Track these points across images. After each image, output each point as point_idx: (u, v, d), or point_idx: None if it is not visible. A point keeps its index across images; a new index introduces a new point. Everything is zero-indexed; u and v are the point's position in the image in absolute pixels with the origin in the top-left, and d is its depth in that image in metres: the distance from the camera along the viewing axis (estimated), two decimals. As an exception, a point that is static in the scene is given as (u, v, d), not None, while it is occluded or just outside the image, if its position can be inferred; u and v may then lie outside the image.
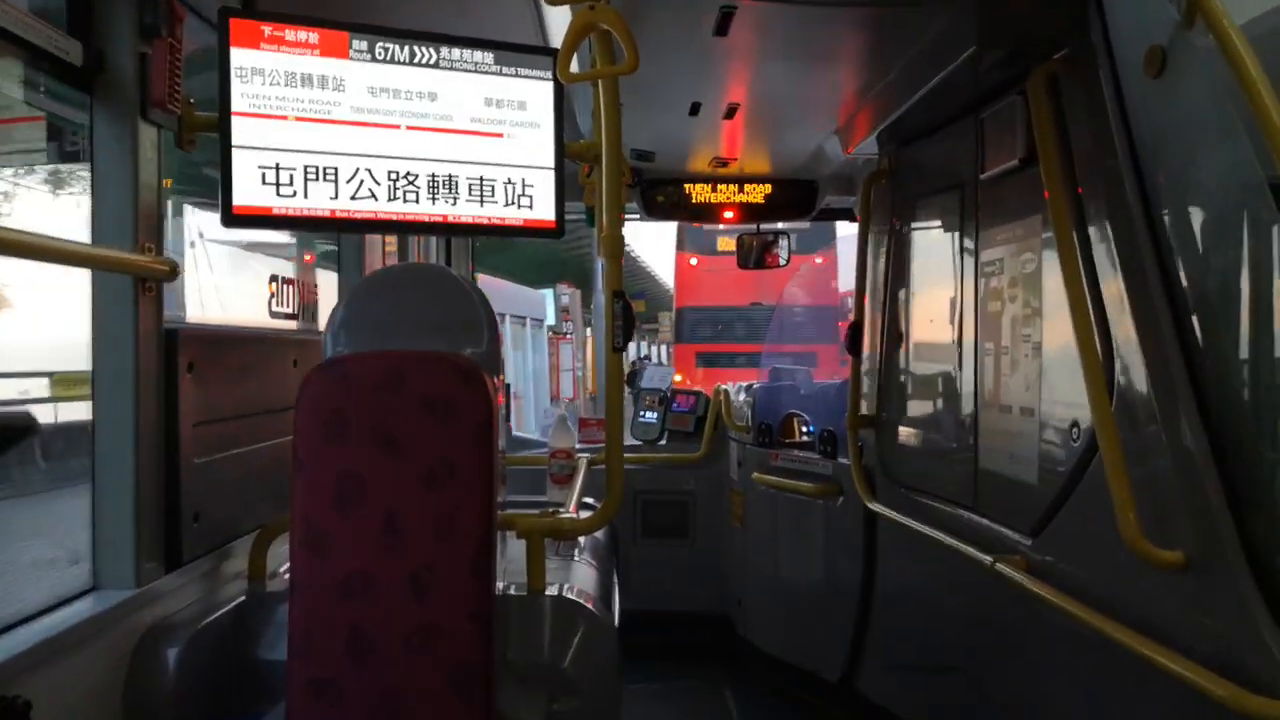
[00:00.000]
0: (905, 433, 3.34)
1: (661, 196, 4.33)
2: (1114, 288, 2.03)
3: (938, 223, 3.15)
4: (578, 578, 2.44)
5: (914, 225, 3.32)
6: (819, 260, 15.51)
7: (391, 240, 3.60)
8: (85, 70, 1.89)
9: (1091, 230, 2.13)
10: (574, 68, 2.16)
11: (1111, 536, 1.86)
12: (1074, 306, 2.07)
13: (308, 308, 3.06)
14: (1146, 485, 1.86)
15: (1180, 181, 1.91)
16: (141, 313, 1.96)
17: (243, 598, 2.18)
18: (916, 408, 3.30)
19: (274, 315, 2.87)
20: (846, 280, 14.92)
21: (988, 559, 2.38)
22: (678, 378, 16.75)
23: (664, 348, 33.62)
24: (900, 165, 3.41)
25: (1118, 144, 1.99)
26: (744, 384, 4.96)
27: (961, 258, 2.88)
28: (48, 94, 2.13)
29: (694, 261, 17.45)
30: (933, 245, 3.21)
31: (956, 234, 2.93)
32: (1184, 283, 1.84)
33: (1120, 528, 1.83)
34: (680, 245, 17.63)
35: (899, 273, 3.44)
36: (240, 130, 2.17)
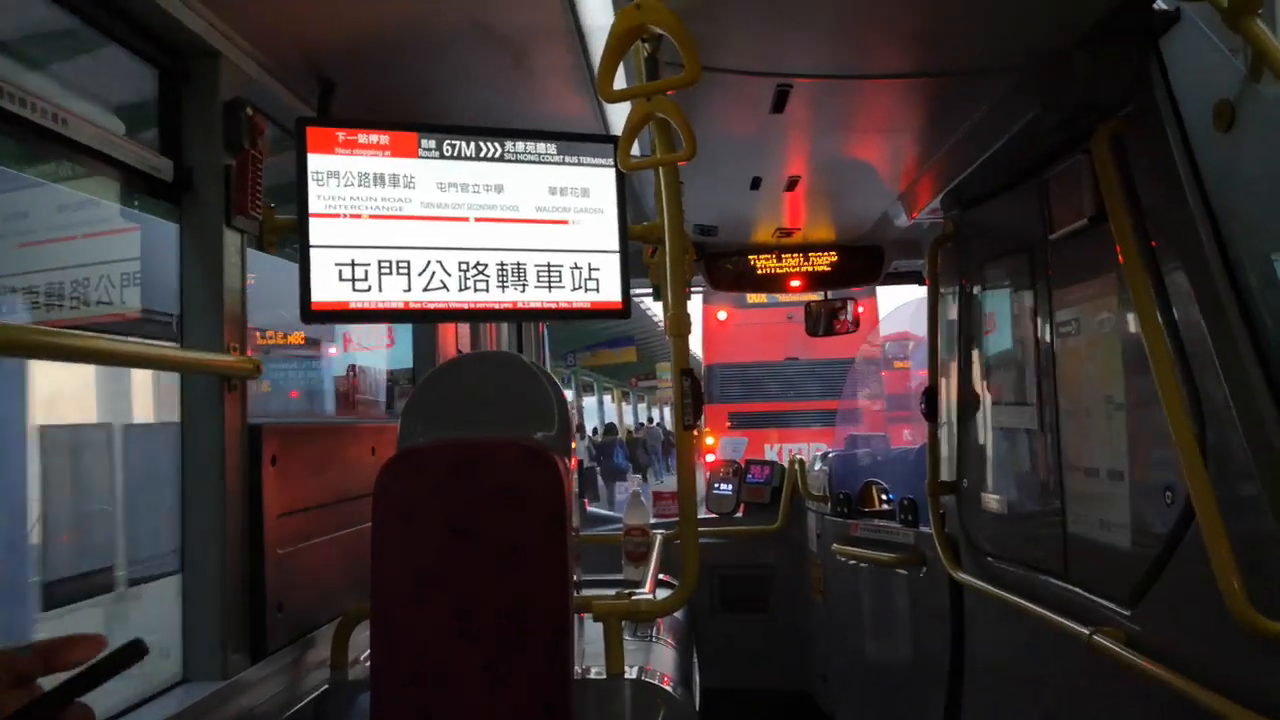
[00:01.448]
0: (988, 499, 3.25)
1: (728, 268, 4.36)
2: (1198, 342, 1.97)
3: (1008, 284, 3.11)
4: (656, 659, 2.41)
5: (984, 287, 3.28)
6: (860, 310, 14.87)
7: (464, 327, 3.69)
8: (175, 185, 2.01)
9: (1169, 284, 2.07)
10: (635, 152, 2.22)
11: (1216, 606, 1.76)
12: (1157, 364, 2.01)
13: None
14: (1250, 550, 1.77)
15: (1259, 231, 1.86)
16: (228, 410, 2.03)
17: (325, 687, 2.20)
18: (998, 473, 3.21)
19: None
20: (886, 327, 13.89)
21: (1085, 631, 2.28)
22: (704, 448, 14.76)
23: (663, 409, 28.40)
24: (966, 228, 3.39)
25: (1190, 198, 1.95)
26: (818, 453, 4.89)
27: (1036, 318, 2.83)
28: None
29: (722, 316, 16.05)
30: (1005, 307, 3.16)
31: (1029, 294, 2.88)
32: (1271, 332, 1.77)
33: (1224, 596, 1.74)
34: (707, 299, 16.20)
35: (971, 336, 3.38)
36: (317, 231, 2.27)
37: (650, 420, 26.89)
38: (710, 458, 14.08)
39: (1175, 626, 2.07)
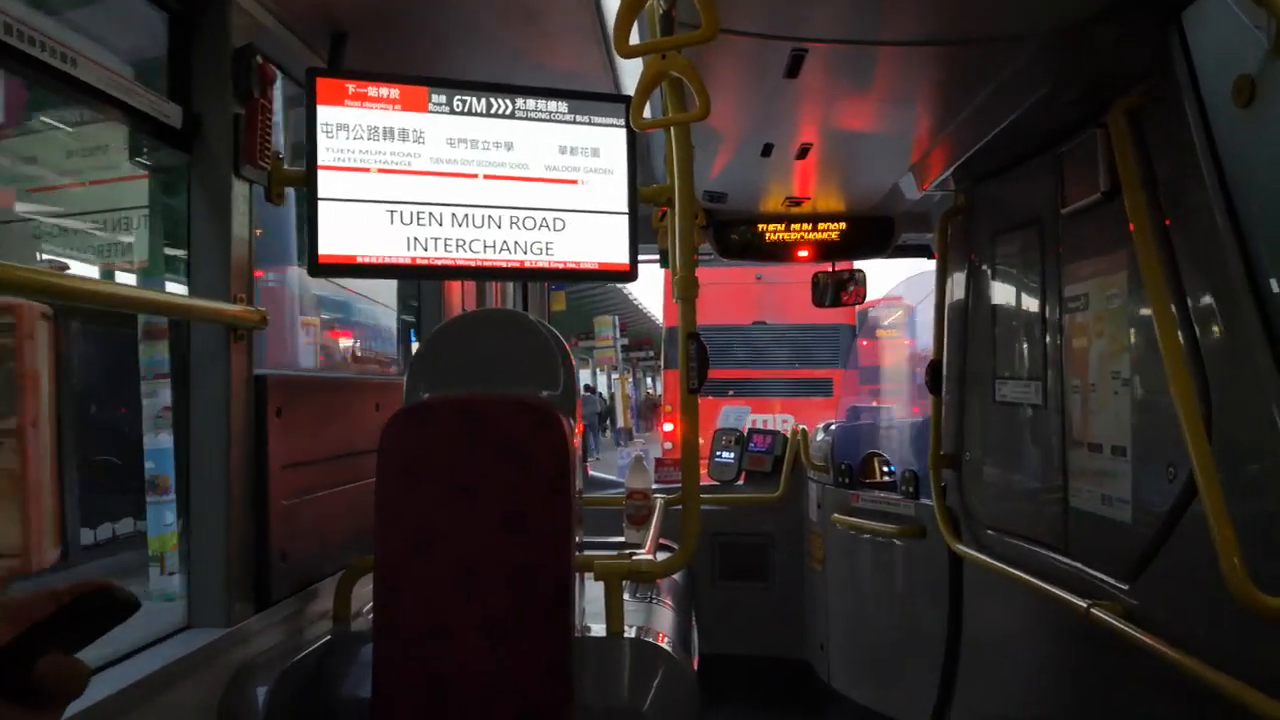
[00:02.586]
0: (989, 473, 3.26)
1: (735, 236, 4.34)
2: (1207, 320, 1.96)
3: (1018, 258, 3.09)
4: (656, 620, 2.42)
5: (993, 261, 3.26)
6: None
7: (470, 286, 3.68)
8: (184, 132, 2.00)
9: (1181, 262, 2.06)
10: (646, 114, 2.19)
11: (1215, 582, 1.77)
12: (1165, 341, 2.00)
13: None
14: (1251, 527, 1.78)
15: (1274, 209, 1.84)
16: (234, 360, 2.03)
17: (328, 638, 2.22)
18: (1000, 447, 3.21)
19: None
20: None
21: (1082, 604, 2.29)
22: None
23: (610, 373, 25.26)
24: (977, 201, 3.36)
25: (1206, 175, 1.93)
26: (822, 423, 4.89)
27: (1044, 293, 2.82)
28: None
29: None
30: (1013, 281, 3.15)
31: (1038, 269, 2.86)
32: None
33: (1224, 573, 1.75)
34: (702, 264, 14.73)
35: (978, 309, 3.37)
36: (326, 183, 2.25)
37: (591, 389, 24.35)
38: (669, 426, 13.36)
39: (1173, 601, 2.08)
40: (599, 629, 2.16)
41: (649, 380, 29.50)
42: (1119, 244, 2.33)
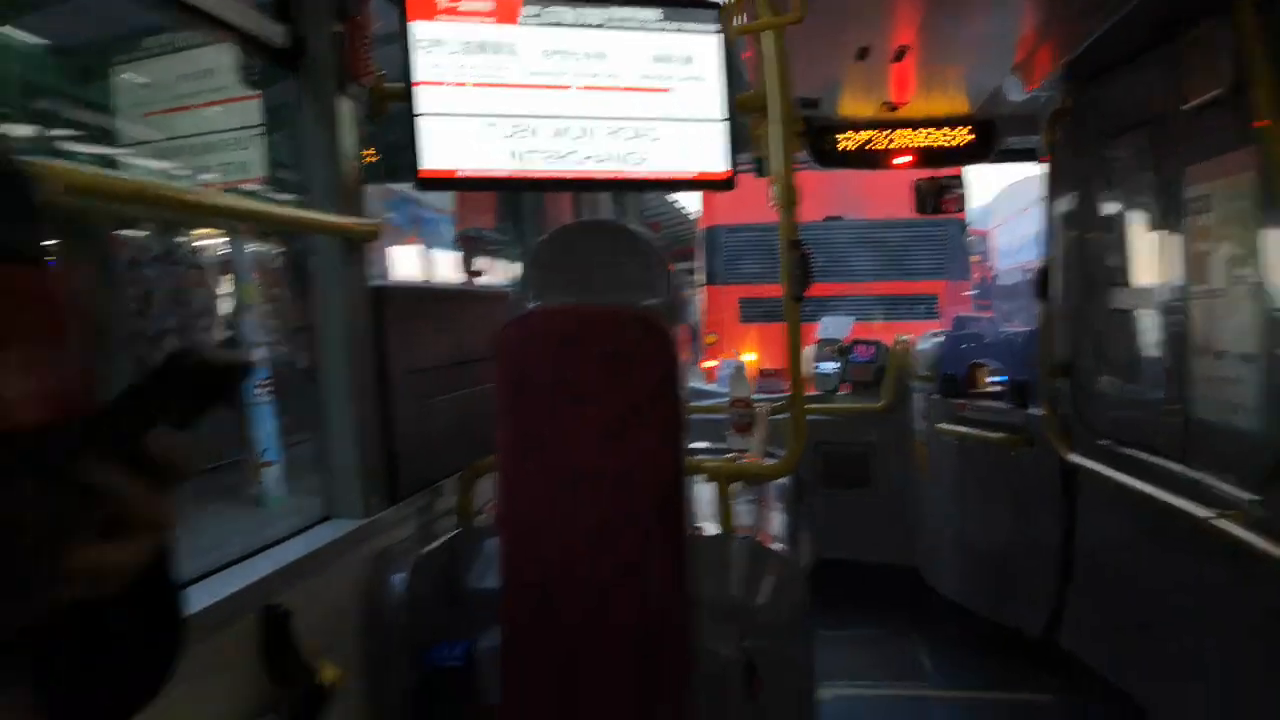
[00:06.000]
0: (1104, 381, 3.17)
1: (830, 144, 4.23)
2: None
3: (1133, 159, 2.95)
4: (766, 521, 2.46)
5: (1106, 162, 3.11)
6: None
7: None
8: (290, 52, 2.04)
9: None
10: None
11: None
12: None
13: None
14: None
15: None
16: (350, 272, 2.11)
17: (455, 531, 2.33)
18: (1115, 355, 3.11)
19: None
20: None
21: (1204, 514, 2.23)
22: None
23: None
24: (1088, 100, 3.20)
25: None
26: (927, 332, 4.80)
27: (1162, 195, 2.68)
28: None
29: None
30: (1128, 183, 3.01)
31: (1155, 170, 2.73)
32: None
33: None
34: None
35: (1090, 214, 3.24)
36: (424, 98, 2.28)
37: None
38: (712, 363, 9.79)
39: None
40: (711, 529, 2.20)
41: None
42: (1246, 140, 2.19)
